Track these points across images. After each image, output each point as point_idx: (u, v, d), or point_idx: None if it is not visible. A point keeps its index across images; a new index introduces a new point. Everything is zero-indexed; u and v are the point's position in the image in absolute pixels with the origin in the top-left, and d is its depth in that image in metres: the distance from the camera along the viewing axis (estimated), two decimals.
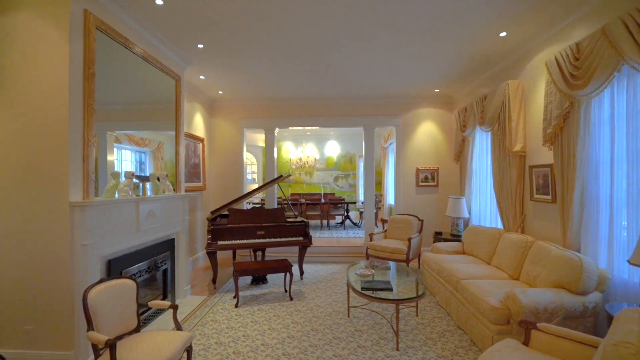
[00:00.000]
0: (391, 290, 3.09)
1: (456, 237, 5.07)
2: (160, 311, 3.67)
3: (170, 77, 4.09)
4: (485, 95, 4.62)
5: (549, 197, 3.46)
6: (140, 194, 3.37)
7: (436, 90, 5.94)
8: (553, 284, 2.75)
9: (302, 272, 5.03)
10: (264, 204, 7.53)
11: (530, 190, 3.81)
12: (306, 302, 4.05)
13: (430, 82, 5.48)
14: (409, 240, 5.10)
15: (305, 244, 4.79)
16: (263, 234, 4.65)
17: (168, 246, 3.90)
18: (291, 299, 4.14)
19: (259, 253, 5.01)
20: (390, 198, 9.68)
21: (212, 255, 4.49)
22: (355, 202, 8.57)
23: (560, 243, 3.14)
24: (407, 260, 5.02)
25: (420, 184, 6.33)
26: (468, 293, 3.08)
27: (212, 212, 5.02)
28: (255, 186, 10.85)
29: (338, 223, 9.60)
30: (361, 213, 9.31)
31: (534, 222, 3.80)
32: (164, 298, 3.82)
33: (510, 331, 2.61)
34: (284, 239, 4.68)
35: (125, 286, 2.39)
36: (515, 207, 4.00)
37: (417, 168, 6.34)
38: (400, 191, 6.37)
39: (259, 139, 11.28)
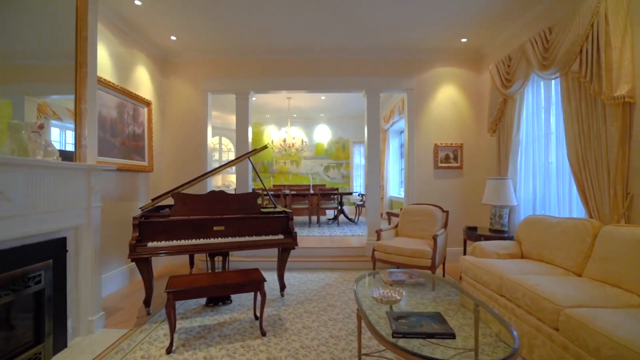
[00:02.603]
0: (452, 337, 1.58)
1: (498, 234, 3.61)
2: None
3: None
4: (550, 28, 3.19)
5: None
6: None
7: (463, 40, 4.48)
8: None
9: (282, 286, 3.47)
10: None
11: None
12: (287, 341, 2.50)
13: (456, 26, 4.01)
14: (435, 238, 3.62)
15: (287, 245, 3.24)
16: (223, 231, 3.08)
17: (48, 251, 2.28)
18: (263, 334, 2.58)
19: (220, 258, 3.44)
20: (391, 189, 8.22)
21: (142, 264, 2.88)
22: (351, 193, 7.09)
23: None
24: (433, 267, 3.54)
25: (440, 165, 4.86)
26: (598, 336, 1.60)
27: (153, 200, 3.43)
28: (233, 178, 9.15)
29: (330, 219, 8.07)
30: (358, 207, 7.82)
31: None
32: (39, 342, 2.19)
33: None
34: (255, 238, 3.12)
35: None
36: (615, 185, 2.55)
37: (435, 144, 4.87)
38: (414, 174, 4.89)
39: None
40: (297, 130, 9.49)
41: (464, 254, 4.06)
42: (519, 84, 3.65)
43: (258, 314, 2.79)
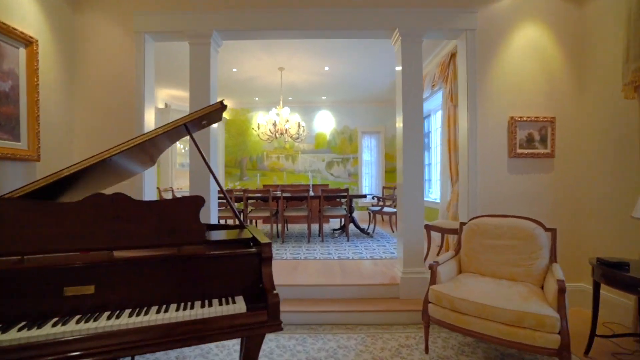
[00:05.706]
0: None
1: None
2: None
3: None
4: None
5: None
6: None
7: None
8: None
9: None
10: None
11: None
12: None
13: None
14: (563, 288, 1.78)
15: (255, 328, 1.35)
16: (94, 296, 1.20)
17: None
18: None
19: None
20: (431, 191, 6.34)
21: None
22: (365, 196, 5.25)
23: None
24: (567, 352, 1.69)
25: (519, 151, 3.02)
26: None
27: None
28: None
29: (335, 229, 6.21)
30: (372, 214, 5.96)
31: None
32: None
33: None
34: (173, 316, 1.23)
35: None
36: None
37: (511, 118, 3.02)
38: (476, 167, 3.04)
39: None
40: (292, 116, 7.62)
41: (595, 310, 2.21)
42: None
43: None
